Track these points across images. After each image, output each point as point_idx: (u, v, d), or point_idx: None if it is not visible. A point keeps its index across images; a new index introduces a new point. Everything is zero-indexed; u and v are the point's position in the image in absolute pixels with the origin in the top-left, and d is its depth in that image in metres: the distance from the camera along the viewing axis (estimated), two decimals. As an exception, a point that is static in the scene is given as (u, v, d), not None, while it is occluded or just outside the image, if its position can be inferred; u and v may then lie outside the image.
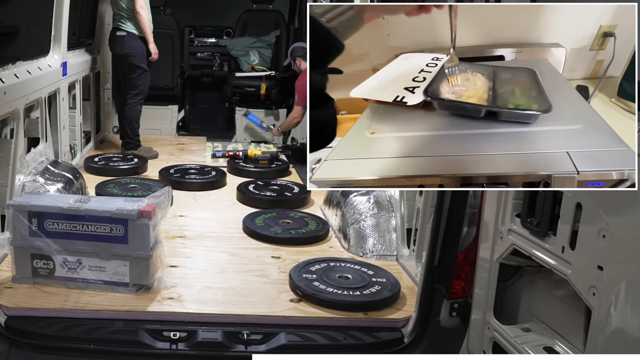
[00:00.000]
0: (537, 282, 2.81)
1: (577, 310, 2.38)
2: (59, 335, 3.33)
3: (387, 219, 4.53)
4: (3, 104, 4.12)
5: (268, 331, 3.42)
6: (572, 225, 2.31)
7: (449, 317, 3.24)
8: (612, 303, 2.05)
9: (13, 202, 3.71)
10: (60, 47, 5.58)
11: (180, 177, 6.11)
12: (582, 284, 2.22)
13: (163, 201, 3.72)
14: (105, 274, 3.64)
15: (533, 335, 2.71)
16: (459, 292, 3.21)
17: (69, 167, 5.29)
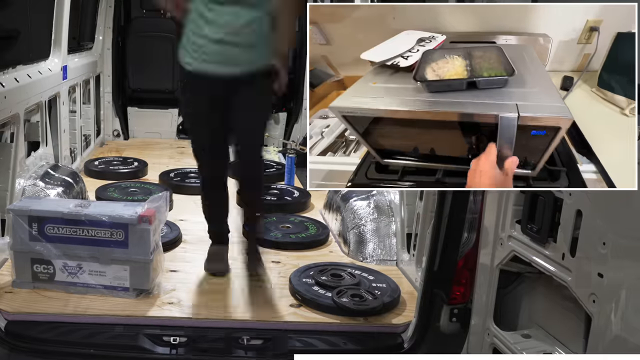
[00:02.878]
0: (537, 288, 2.81)
1: (577, 317, 2.38)
2: (59, 340, 3.33)
3: (387, 224, 4.53)
4: (3, 108, 4.13)
5: (268, 336, 3.42)
6: (572, 232, 2.32)
7: (449, 323, 3.24)
8: (612, 310, 2.06)
9: (13, 206, 3.71)
10: (61, 50, 5.58)
11: (181, 181, 6.11)
12: (582, 291, 2.23)
13: (162, 206, 3.73)
14: (105, 278, 3.64)
15: (533, 341, 2.71)
16: (458, 297, 3.21)
17: (69, 171, 5.29)
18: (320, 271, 3.96)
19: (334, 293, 3.65)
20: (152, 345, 3.33)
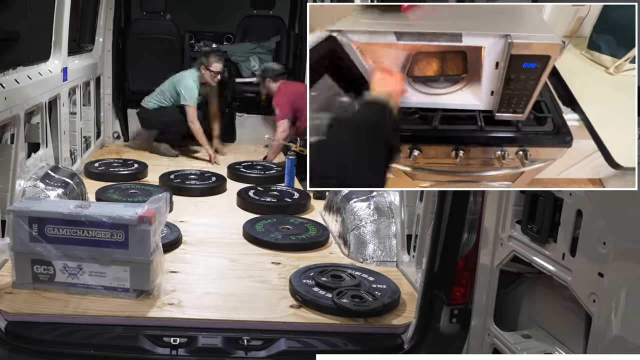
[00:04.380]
0: (537, 288, 2.81)
1: (577, 317, 2.38)
2: (59, 341, 3.33)
3: (387, 225, 4.53)
4: (4, 110, 4.13)
5: (268, 337, 3.42)
6: (573, 232, 2.32)
7: (449, 324, 3.24)
8: (613, 310, 2.06)
9: (13, 207, 3.71)
10: (61, 52, 5.58)
11: (181, 183, 6.11)
12: (582, 291, 2.23)
13: (162, 207, 3.73)
14: (105, 279, 3.64)
15: (533, 341, 2.71)
16: (459, 298, 3.21)
17: (69, 172, 5.30)
18: (320, 272, 3.96)
19: (334, 294, 3.65)
20: (152, 346, 3.33)
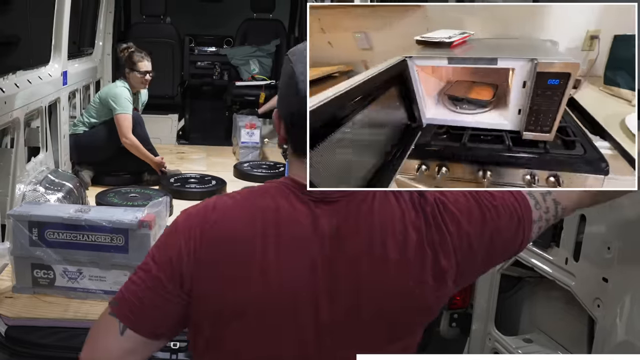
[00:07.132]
0: (539, 292, 2.81)
1: (579, 321, 2.38)
2: (60, 345, 3.32)
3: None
4: (3, 114, 4.12)
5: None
6: (576, 237, 2.31)
7: (449, 328, 3.24)
8: (618, 315, 2.05)
9: (13, 211, 3.70)
10: (61, 56, 5.57)
11: (181, 187, 6.10)
12: (586, 296, 2.22)
13: (162, 211, 3.72)
14: (105, 283, 3.63)
15: (535, 346, 2.71)
16: (458, 302, 3.20)
17: (69, 176, 5.28)
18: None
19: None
20: (153, 351, 3.31)
